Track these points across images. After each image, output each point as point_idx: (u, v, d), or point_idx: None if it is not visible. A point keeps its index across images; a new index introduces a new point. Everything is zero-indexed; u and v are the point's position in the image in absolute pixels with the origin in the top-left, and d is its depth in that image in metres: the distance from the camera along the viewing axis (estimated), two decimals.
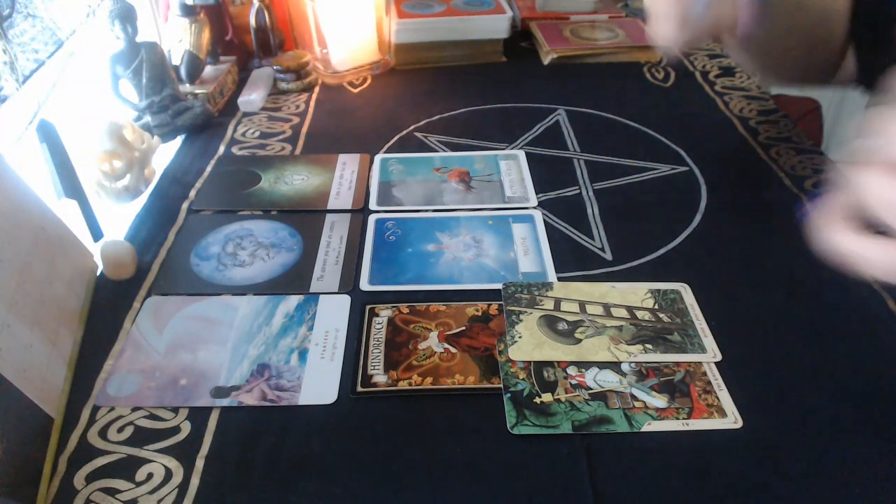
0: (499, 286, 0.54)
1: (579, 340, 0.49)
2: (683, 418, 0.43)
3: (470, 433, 0.43)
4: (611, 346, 0.49)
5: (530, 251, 0.58)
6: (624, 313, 0.52)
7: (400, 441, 0.43)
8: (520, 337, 0.49)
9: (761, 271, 0.56)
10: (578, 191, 0.67)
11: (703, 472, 0.41)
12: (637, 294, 0.53)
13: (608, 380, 0.46)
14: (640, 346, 0.49)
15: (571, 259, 0.58)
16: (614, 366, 0.47)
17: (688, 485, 0.40)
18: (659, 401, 0.45)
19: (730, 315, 0.52)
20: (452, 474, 0.41)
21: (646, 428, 0.43)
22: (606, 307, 0.52)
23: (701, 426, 0.43)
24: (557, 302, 0.53)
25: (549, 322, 0.51)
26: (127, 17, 0.72)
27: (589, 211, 0.64)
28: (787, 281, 0.55)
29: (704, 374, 0.46)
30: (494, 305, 0.53)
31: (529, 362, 0.47)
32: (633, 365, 0.47)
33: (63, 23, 0.71)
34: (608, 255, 0.58)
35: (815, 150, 0.72)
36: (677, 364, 0.47)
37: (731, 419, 0.43)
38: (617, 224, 0.62)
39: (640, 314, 0.52)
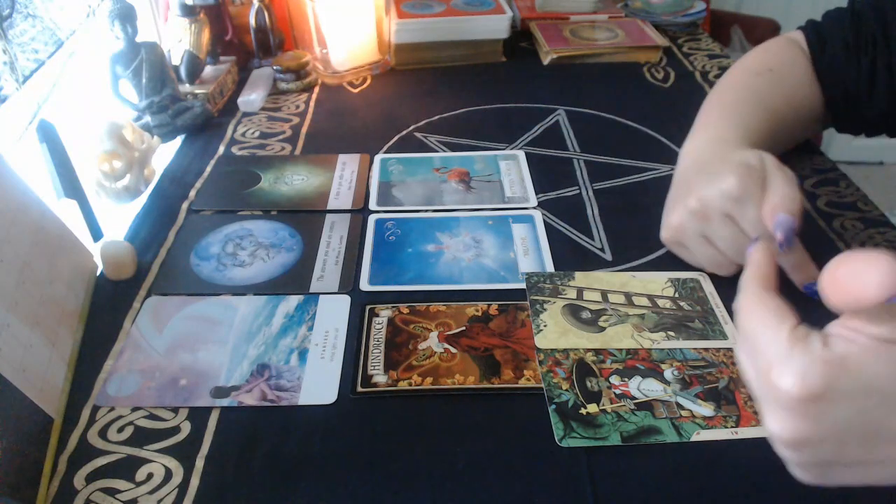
0: (498, 286, 0.54)
1: (603, 328, 0.50)
2: (731, 426, 0.43)
3: (470, 433, 0.43)
4: (634, 334, 0.49)
5: (530, 251, 0.58)
6: (645, 302, 0.52)
7: (400, 441, 0.43)
8: (545, 326, 0.50)
9: None
10: (578, 191, 0.67)
11: (703, 471, 0.41)
12: (657, 283, 0.54)
13: (652, 388, 0.45)
14: (662, 334, 0.49)
15: (571, 259, 0.58)
16: (657, 374, 0.46)
17: (688, 484, 0.40)
18: (706, 409, 0.44)
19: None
20: (452, 474, 0.41)
21: (695, 437, 0.42)
22: (628, 296, 0.53)
23: (750, 434, 0.42)
24: (580, 291, 0.53)
25: (573, 311, 0.51)
26: (127, 17, 0.72)
27: (589, 211, 0.64)
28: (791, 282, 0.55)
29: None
30: (494, 306, 0.53)
31: (571, 373, 0.46)
32: (675, 373, 0.46)
33: (63, 23, 0.71)
34: (608, 256, 0.58)
35: (815, 150, 0.72)
36: (720, 371, 0.46)
37: None
38: (617, 224, 0.62)
39: (661, 302, 0.52)
